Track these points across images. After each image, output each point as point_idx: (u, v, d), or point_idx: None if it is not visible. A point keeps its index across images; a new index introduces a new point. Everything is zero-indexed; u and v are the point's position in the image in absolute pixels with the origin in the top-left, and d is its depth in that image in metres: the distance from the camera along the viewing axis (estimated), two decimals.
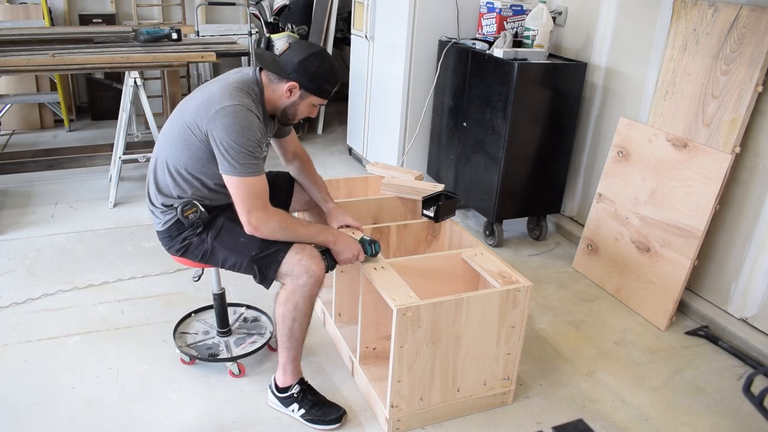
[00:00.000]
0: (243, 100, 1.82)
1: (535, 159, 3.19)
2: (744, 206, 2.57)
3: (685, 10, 2.70)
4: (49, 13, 4.83)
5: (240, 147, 1.78)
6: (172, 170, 1.93)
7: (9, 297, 2.63)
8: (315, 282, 1.88)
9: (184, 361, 2.27)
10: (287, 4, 4.91)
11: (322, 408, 2.02)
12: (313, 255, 1.90)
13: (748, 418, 2.15)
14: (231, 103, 1.80)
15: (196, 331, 2.39)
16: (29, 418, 1.97)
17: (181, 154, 1.89)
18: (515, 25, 3.39)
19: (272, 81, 1.92)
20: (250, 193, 1.82)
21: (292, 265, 1.87)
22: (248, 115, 1.81)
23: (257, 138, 1.82)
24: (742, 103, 2.44)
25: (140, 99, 3.56)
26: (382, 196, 2.55)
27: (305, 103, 1.95)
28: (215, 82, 1.93)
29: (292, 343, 1.97)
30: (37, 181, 3.87)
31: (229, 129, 1.78)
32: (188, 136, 1.86)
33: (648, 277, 2.75)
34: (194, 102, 1.88)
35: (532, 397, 2.20)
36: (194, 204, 1.93)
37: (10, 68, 3.27)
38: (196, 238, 1.97)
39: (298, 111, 1.98)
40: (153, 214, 2.03)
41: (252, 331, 2.41)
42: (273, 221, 1.85)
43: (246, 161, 1.80)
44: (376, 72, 4.03)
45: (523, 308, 2.00)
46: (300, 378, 2.05)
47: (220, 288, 2.28)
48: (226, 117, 1.78)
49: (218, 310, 2.31)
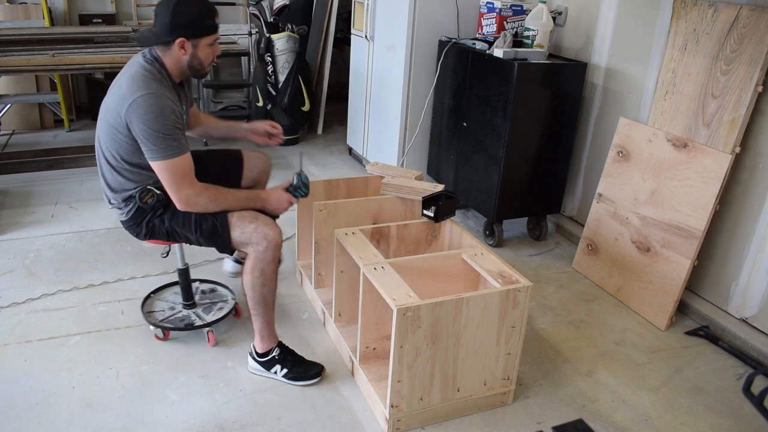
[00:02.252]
0: (150, 86, 1.91)
1: (535, 159, 3.19)
2: (744, 206, 2.57)
3: (685, 10, 2.70)
4: (49, 13, 4.83)
5: (157, 132, 1.89)
6: (116, 166, 2.04)
7: (9, 297, 2.63)
8: (275, 246, 2.03)
9: (158, 337, 2.38)
10: (287, 4, 4.91)
11: (302, 366, 2.18)
12: (267, 222, 2.04)
13: (748, 418, 2.15)
14: (140, 93, 1.89)
15: (161, 308, 2.50)
16: (29, 418, 1.98)
17: (116, 151, 2.01)
18: (515, 25, 3.39)
19: (164, 50, 1.99)
20: (176, 172, 1.94)
21: (250, 234, 2.01)
22: (159, 100, 1.90)
23: (172, 120, 1.92)
24: (742, 103, 2.44)
25: None
26: (382, 196, 2.55)
27: (201, 48, 2.00)
28: (123, 76, 2.00)
29: (265, 309, 2.11)
30: (37, 181, 3.87)
31: (143, 118, 1.88)
32: (114, 133, 1.98)
33: (648, 277, 2.75)
34: (111, 101, 1.98)
35: (532, 397, 2.20)
36: (150, 189, 2.05)
37: (10, 68, 3.28)
38: (157, 219, 2.10)
39: (201, 60, 2.03)
40: (113, 208, 2.15)
41: (215, 300, 2.58)
42: (202, 196, 1.99)
43: (166, 144, 1.90)
44: (376, 72, 4.03)
45: (523, 308, 2.00)
46: (278, 341, 2.19)
47: (184, 264, 2.42)
48: (138, 108, 1.88)
49: (183, 285, 2.46)
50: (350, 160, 4.63)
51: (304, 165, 2.24)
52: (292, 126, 4.77)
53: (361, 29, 4.12)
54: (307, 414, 2.06)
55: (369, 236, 2.27)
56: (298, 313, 2.63)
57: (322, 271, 2.68)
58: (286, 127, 4.71)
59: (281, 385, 2.19)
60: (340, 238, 2.23)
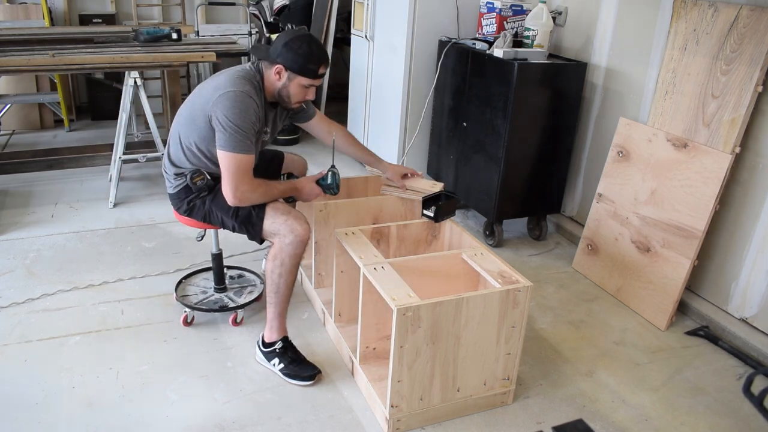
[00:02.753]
0: (245, 87, 2.06)
1: (535, 159, 3.19)
2: (744, 206, 2.57)
3: (685, 10, 2.70)
4: (49, 13, 4.83)
5: (236, 126, 2.02)
6: (184, 146, 2.19)
7: (9, 297, 2.63)
8: (300, 241, 2.10)
9: (186, 322, 2.47)
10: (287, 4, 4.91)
11: (299, 365, 2.22)
12: (298, 216, 2.13)
13: (748, 418, 2.15)
14: (233, 89, 2.04)
15: (194, 292, 2.62)
16: (29, 418, 1.97)
17: (191, 132, 2.15)
18: (515, 25, 3.39)
19: (266, 68, 2.14)
20: (238, 168, 2.05)
21: (279, 225, 2.11)
22: (246, 99, 2.04)
23: (252, 121, 2.05)
24: (742, 103, 2.44)
25: (140, 99, 3.56)
26: (382, 196, 2.56)
27: (294, 84, 2.13)
28: (225, 72, 2.17)
29: (278, 299, 2.18)
30: (37, 181, 3.87)
31: (227, 111, 2.02)
32: (196, 117, 2.12)
33: (648, 277, 2.75)
34: (207, 89, 2.13)
35: (532, 397, 2.20)
36: (201, 172, 2.19)
37: (10, 68, 3.27)
38: (199, 200, 2.23)
39: (290, 93, 2.15)
40: (166, 178, 2.30)
41: (244, 284, 2.72)
42: (256, 192, 2.11)
43: (239, 139, 2.03)
44: (376, 72, 4.03)
45: (523, 308, 2.00)
46: (284, 336, 2.25)
47: (218, 249, 2.54)
48: (227, 100, 2.03)
49: (216, 269, 2.58)
50: (350, 160, 4.62)
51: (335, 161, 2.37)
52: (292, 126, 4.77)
53: (361, 29, 4.12)
54: (307, 414, 2.06)
55: (369, 236, 2.28)
56: (298, 313, 2.63)
57: (322, 271, 2.68)
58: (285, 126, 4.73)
59: (281, 385, 2.19)
60: (340, 238, 2.23)
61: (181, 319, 2.47)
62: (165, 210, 3.53)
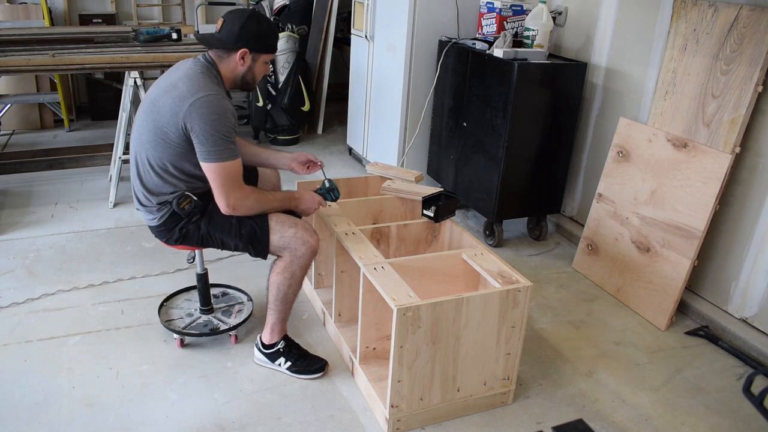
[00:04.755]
0: (212, 87, 1.94)
1: (535, 159, 3.19)
2: (744, 206, 2.57)
3: (685, 10, 2.70)
4: (49, 13, 4.83)
5: (218, 134, 1.89)
6: (158, 169, 2.01)
7: (9, 297, 2.63)
8: (312, 252, 2.07)
9: (181, 344, 2.36)
10: (287, 4, 4.91)
11: (306, 360, 2.23)
12: (306, 227, 2.07)
13: (748, 418, 2.15)
14: (204, 94, 1.90)
15: (179, 316, 2.47)
16: (29, 418, 1.97)
17: (163, 152, 1.98)
18: (515, 25, 3.39)
19: (222, 57, 2.03)
20: (229, 176, 1.94)
21: (289, 239, 2.04)
22: (222, 102, 1.92)
23: (232, 123, 1.94)
24: (742, 103, 2.44)
25: (140, 99, 3.56)
26: (382, 196, 2.56)
27: (259, 63, 2.07)
28: (174, 76, 1.99)
29: (283, 306, 2.16)
30: (37, 181, 3.87)
31: (206, 119, 1.88)
32: (164, 134, 1.95)
33: (648, 277, 2.75)
34: (165, 102, 1.95)
35: (532, 397, 2.20)
36: (187, 195, 2.03)
37: (10, 68, 3.27)
38: (192, 225, 2.08)
39: (255, 73, 2.09)
40: (145, 212, 2.12)
41: (231, 303, 2.58)
42: (249, 199, 2.00)
43: (223, 146, 1.90)
44: (376, 72, 4.03)
45: (523, 308, 2.00)
46: (284, 335, 2.24)
47: (203, 269, 2.40)
48: (201, 108, 1.88)
49: (202, 290, 2.44)
50: (350, 160, 4.63)
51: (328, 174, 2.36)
52: (292, 126, 4.77)
53: (361, 29, 4.12)
54: (307, 414, 2.06)
55: (369, 236, 2.28)
56: (298, 313, 2.63)
57: (322, 271, 2.68)
58: (285, 127, 4.74)
59: (281, 384, 2.19)
60: (340, 238, 2.23)
61: (176, 344, 2.36)
62: None
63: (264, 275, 2.80)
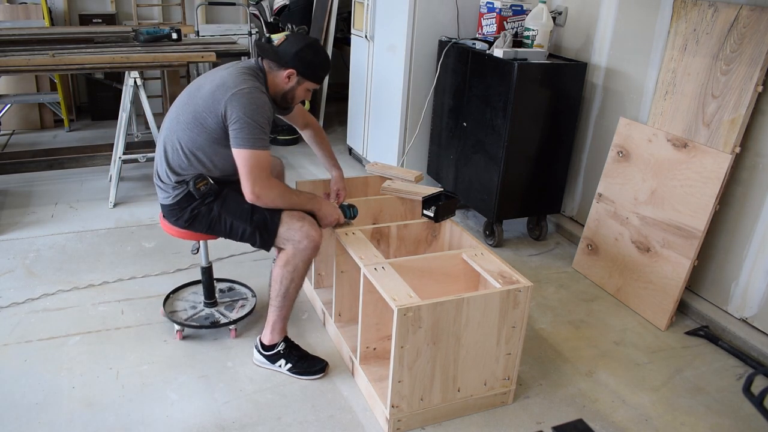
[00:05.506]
0: (255, 83, 2.06)
1: (535, 159, 3.19)
2: (744, 206, 2.57)
3: (685, 10, 2.70)
4: (49, 13, 4.83)
5: (254, 123, 2.00)
6: (187, 152, 2.11)
7: (9, 297, 2.63)
8: (314, 246, 2.10)
9: (181, 336, 2.41)
10: (287, 4, 4.91)
11: (307, 361, 2.25)
12: (312, 223, 2.12)
13: (748, 418, 2.15)
14: (246, 86, 2.02)
15: (183, 308, 2.53)
16: (29, 418, 1.97)
17: (198, 136, 2.08)
18: (515, 25, 3.39)
19: (272, 69, 2.15)
20: (258, 164, 2.02)
21: (294, 231, 2.09)
22: (261, 95, 2.05)
23: (268, 116, 2.06)
24: (742, 103, 2.44)
25: (140, 99, 3.56)
26: (382, 196, 2.56)
27: (302, 87, 2.19)
28: (223, 70, 2.13)
29: (285, 303, 2.18)
30: (37, 181, 3.87)
31: (245, 108, 2.00)
32: (204, 119, 2.06)
33: (648, 277, 2.75)
34: (206, 89, 2.08)
35: (532, 397, 2.20)
36: (205, 177, 2.13)
37: (10, 68, 3.27)
38: (204, 207, 2.15)
39: (296, 95, 2.21)
40: (161, 189, 2.19)
41: (235, 298, 2.63)
42: (274, 191, 2.06)
43: (257, 136, 2.01)
44: (376, 72, 4.03)
45: (523, 308, 2.00)
46: (285, 336, 2.26)
47: (207, 262, 2.45)
48: (243, 98, 2.00)
49: (206, 284, 2.49)
50: (350, 160, 4.63)
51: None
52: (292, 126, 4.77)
53: (361, 29, 4.12)
54: (308, 414, 2.06)
55: (369, 236, 2.28)
56: (298, 313, 2.63)
57: (322, 271, 2.68)
58: (285, 126, 4.73)
59: (281, 384, 2.19)
60: (340, 238, 2.23)
61: (176, 336, 2.41)
62: None
63: (263, 275, 2.82)
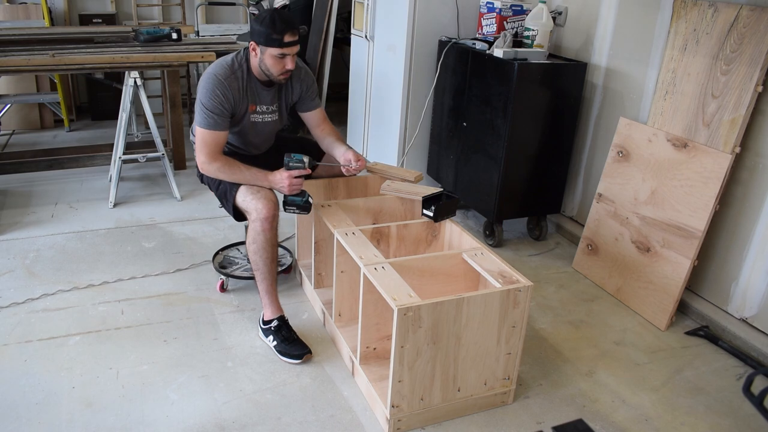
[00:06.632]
0: (219, 71, 2.30)
1: (535, 159, 3.19)
2: (744, 206, 2.57)
3: (685, 10, 2.70)
4: (49, 13, 4.83)
5: (201, 104, 2.28)
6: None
7: (9, 297, 2.63)
8: (263, 218, 2.25)
9: (222, 288, 2.73)
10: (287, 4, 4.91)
11: (290, 344, 2.33)
12: (264, 196, 2.28)
13: (748, 418, 2.15)
14: (207, 72, 2.31)
15: (228, 263, 2.90)
16: (29, 418, 1.97)
17: None
18: (515, 25, 3.39)
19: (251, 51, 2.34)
20: (202, 140, 2.31)
21: (247, 203, 2.30)
22: (216, 82, 2.27)
23: (219, 100, 2.27)
24: (742, 103, 2.44)
25: (140, 99, 3.56)
26: (382, 196, 2.55)
27: (267, 56, 2.29)
28: None
29: (261, 276, 2.34)
30: (37, 181, 3.87)
31: (199, 91, 2.31)
32: None
33: (648, 277, 2.75)
34: None
35: (532, 397, 2.20)
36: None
37: (10, 68, 3.28)
38: None
39: (267, 66, 2.32)
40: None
41: None
42: (213, 165, 2.32)
43: (205, 115, 2.28)
44: (376, 72, 4.02)
45: (523, 308, 2.00)
46: (280, 315, 2.38)
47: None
48: (201, 82, 2.31)
49: None
50: None
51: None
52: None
53: (361, 29, 4.12)
54: (308, 414, 2.06)
55: (369, 236, 2.28)
56: (298, 313, 2.63)
57: (322, 271, 2.68)
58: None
59: (281, 384, 2.19)
60: (340, 238, 2.23)
61: (217, 285, 2.73)
62: (165, 210, 3.53)
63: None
